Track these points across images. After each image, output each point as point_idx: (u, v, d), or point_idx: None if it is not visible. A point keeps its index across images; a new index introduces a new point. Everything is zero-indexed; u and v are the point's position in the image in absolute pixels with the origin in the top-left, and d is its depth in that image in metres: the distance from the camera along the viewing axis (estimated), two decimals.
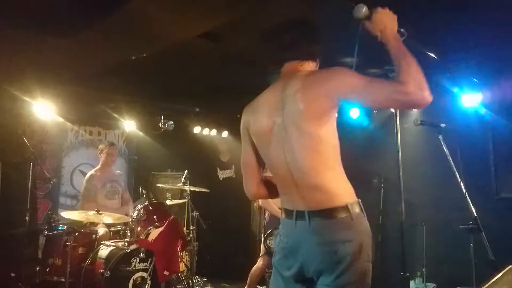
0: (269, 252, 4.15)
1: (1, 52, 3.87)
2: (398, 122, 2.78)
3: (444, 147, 3.01)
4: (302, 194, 1.75)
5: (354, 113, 5.41)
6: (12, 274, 4.62)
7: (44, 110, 5.29)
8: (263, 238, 4.37)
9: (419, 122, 3.19)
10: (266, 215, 4.56)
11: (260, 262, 4.39)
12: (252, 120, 1.89)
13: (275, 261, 1.86)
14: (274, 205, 4.21)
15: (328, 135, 1.75)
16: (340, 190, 1.74)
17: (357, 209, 1.72)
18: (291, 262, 1.77)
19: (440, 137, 3.04)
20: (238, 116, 2.02)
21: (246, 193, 2.02)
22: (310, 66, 1.91)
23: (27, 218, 4.64)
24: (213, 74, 5.04)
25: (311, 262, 1.71)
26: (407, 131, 4.65)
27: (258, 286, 4.68)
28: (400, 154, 2.71)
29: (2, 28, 3.35)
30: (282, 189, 1.88)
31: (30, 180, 4.77)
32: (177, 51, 4.02)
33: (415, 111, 4.75)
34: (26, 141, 4.75)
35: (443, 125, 3.09)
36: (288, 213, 1.81)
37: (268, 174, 1.98)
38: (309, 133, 1.72)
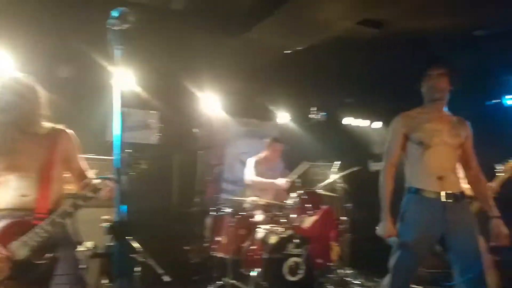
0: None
1: (181, 51, 4.41)
2: None
3: None
4: None
5: None
6: (186, 248, 5.31)
7: (210, 104, 5.90)
8: None
9: None
10: None
11: None
12: None
13: None
14: None
15: None
16: None
17: None
18: None
19: None
20: (391, 106, 2.02)
21: None
22: None
23: (197, 199, 5.26)
24: (367, 63, 4.92)
25: None
26: None
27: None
28: None
29: (183, 29, 3.82)
30: None
31: (200, 166, 5.39)
32: (331, 42, 4.04)
33: None
34: (196, 132, 5.38)
35: None
36: None
37: None
38: None
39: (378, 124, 6.77)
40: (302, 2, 3.19)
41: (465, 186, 2.81)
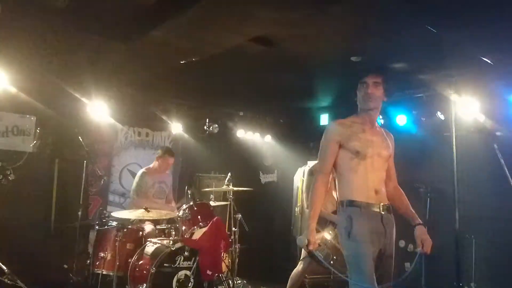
0: (311, 256, 4.09)
1: (62, 52, 4.09)
2: (454, 130, 2.70)
3: (499, 156, 2.89)
4: None
5: (401, 120, 5.30)
6: (65, 266, 4.87)
7: (98, 111, 5.55)
8: None
9: (473, 130, 3.10)
10: None
11: (300, 266, 4.33)
12: None
13: None
14: None
15: None
16: None
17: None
18: None
19: (495, 146, 2.94)
20: (281, 121, 2.05)
21: None
22: None
23: (79, 213, 4.87)
24: (259, 79, 5.12)
25: None
26: (461, 139, 4.45)
27: None
28: (455, 163, 2.63)
29: (66, 29, 3.55)
30: None
31: (83, 177, 5.02)
32: (225, 56, 4.12)
33: (470, 118, 4.51)
34: (81, 140, 5.00)
35: (498, 133, 2.98)
36: None
37: None
38: None
39: (268, 138, 7.05)
40: (195, 15, 3.21)
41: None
